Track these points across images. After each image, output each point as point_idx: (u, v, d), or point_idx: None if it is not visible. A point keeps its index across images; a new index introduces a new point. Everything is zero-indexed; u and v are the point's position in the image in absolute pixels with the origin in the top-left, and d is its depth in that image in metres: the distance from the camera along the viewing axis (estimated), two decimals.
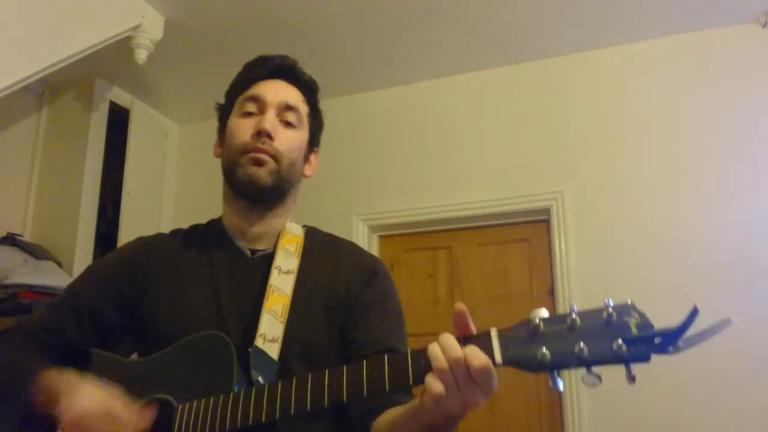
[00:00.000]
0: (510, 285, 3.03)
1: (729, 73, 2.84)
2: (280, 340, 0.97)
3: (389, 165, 3.33)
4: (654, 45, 2.99)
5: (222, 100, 1.18)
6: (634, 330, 0.68)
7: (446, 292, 3.12)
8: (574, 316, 0.70)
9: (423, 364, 0.74)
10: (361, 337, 1.02)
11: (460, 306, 0.75)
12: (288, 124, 1.09)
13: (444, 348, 0.72)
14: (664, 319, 0.69)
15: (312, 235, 1.15)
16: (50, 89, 3.35)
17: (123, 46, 2.79)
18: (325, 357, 1.00)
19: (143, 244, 1.15)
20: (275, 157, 1.05)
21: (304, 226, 1.17)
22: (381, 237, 3.33)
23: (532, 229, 3.08)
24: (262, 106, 1.08)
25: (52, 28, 2.43)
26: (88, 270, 1.15)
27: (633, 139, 2.93)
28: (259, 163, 1.04)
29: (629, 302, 0.70)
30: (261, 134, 1.05)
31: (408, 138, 3.34)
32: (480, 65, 3.25)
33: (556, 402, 2.80)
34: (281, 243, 1.09)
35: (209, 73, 3.23)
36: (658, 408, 2.57)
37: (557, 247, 2.91)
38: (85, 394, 0.90)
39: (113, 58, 2.99)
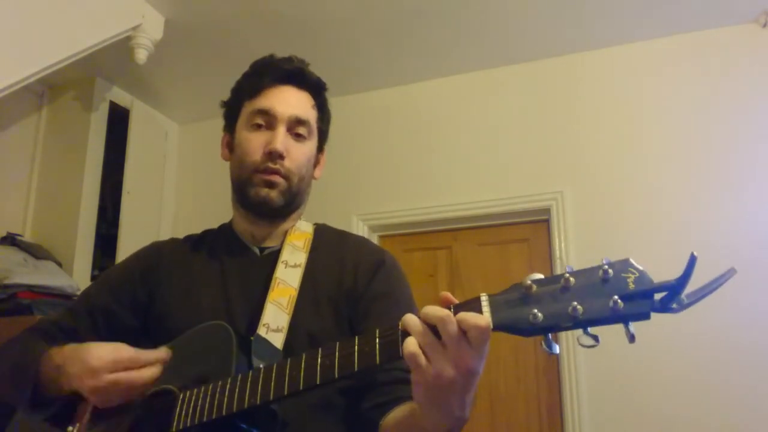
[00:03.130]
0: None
1: (729, 73, 2.84)
2: (285, 330, 0.99)
3: (389, 165, 3.33)
4: (654, 45, 2.99)
5: (222, 101, 1.18)
6: (631, 285, 0.64)
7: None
8: (567, 275, 0.67)
9: None
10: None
11: (443, 294, 0.73)
12: (298, 137, 1.10)
13: (425, 312, 0.70)
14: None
15: (321, 232, 1.17)
16: (50, 89, 3.35)
17: (123, 46, 2.79)
18: None
19: (156, 247, 1.18)
20: (287, 177, 1.07)
21: (315, 224, 1.19)
22: (381, 237, 3.33)
23: (532, 229, 3.08)
24: (272, 120, 1.08)
25: (52, 28, 2.43)
26: (104, 274, 1.20)
27: (633, 139, 2.93)
28: (271, 185, 1.06)
29: (626, 258, 0.67)
30: (273, 154, 1.05)
31: (408, 138, 3.34)
32: (480, 65, 3.25)
33: (556, 402, 2.80)
34: (288, 239, 1.11)
35: (209, 73, 3.24)
36: (658, 407, 2.57)
37: (557, 247, 2.91)
38: (91, 349, 0.92)
39: (113, 58, 2.99)
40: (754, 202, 2.68)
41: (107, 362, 0.90)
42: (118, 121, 3.43)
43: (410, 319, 0.71)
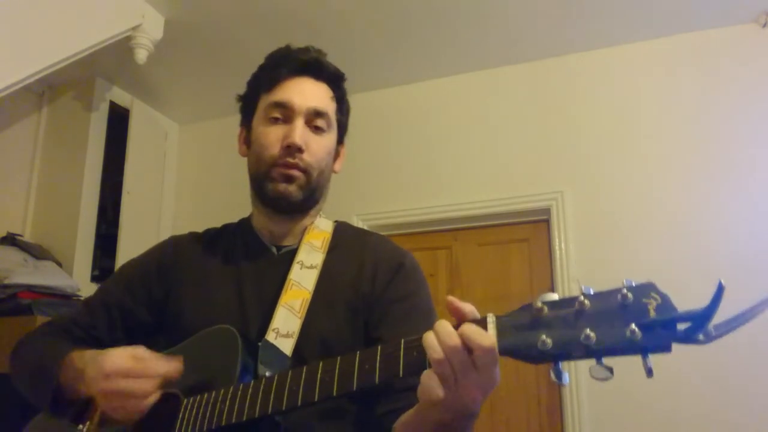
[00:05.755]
0: (510, 285, 3.03)
1: (729, 73, 2.84)
2: (295, 336, 0.96)
3: (390, 165, 3.33)
4: (654, 45, 2.99)
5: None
6: (652, 313, 0.58)
7: (446, 293, 3.11)
8: (582, 298, 0.61)
9: (416, 355, 0.69)
10: (384, 336, 0.96)
11: (449, 299, 0.70)
12: (317, 129, 1.07)
13: (440, 335, 0.66)
14: None
15: (341, 230, 1.14)
16: (50, 89, 3.35)
17: (123, 46, 2.79)
18: None
19: (173, 242, 1.16)
20: (306, 170, 1.04)
21: (335, 221, 1.16)
22: None
23: (532, 229, 3.08)
24: (289, 113, 1.05)
25: (52, 28, 2.42)
26: (120, 269, 1.18)
27: (633, 139, 2.92)
28: (289, 179, 1.03)
29: (649, 282, 0.61)
30: (291, 148, 1.02)
31: (408, 138, 3.34)
32: (480, 65, 3.25)
33: (556, 402, 2.80)
34: (306, 238, 1.08)
35: (209, 73, 3.23)
36: (658, 407, 2.57)
37: (557, 247, 2.91)
38: (108, 355, 0.90)
39: (113, 58, 2.99)
40: (754, 201, 2.68)
41: (120, 368, 0.88)
42: (118, 121, 3.43)
43: (431, 346, 0.67)
